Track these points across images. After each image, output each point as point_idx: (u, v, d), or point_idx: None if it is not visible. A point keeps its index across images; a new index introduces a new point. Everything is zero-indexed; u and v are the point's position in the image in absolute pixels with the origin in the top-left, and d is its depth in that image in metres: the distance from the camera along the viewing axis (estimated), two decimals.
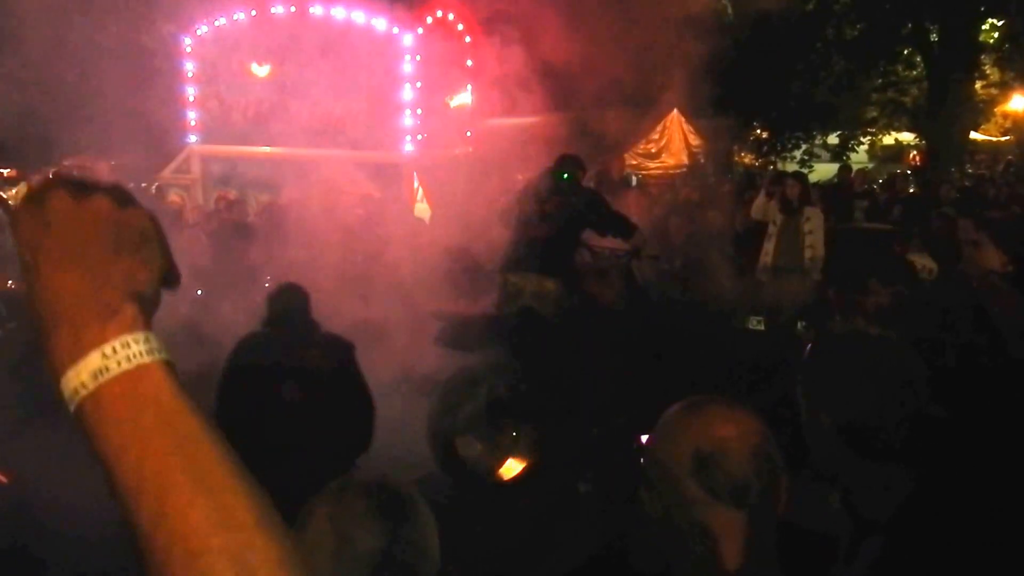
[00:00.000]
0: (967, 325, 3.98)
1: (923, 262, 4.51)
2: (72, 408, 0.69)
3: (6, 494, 2.92)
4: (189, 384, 0.71)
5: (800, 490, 1.34)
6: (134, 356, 0.69)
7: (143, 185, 12.84)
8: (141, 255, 0.74)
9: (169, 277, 0.77)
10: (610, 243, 5.75)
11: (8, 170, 16.86)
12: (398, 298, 4.11)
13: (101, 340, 0.69)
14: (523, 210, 5.12)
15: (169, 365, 0.71)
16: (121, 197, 0.75)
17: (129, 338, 0.70)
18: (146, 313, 0.73)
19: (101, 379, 0.68)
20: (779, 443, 1.36)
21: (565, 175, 5.04)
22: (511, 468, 4.19)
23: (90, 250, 0.71)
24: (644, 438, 1.51)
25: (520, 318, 3.98)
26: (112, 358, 0.69)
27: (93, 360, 0.69)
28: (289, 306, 3.73)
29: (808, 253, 7.91)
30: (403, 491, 1.26)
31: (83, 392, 0.68)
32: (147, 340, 0.71)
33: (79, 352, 0.69)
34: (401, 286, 4.20)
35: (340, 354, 3.62)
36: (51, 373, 0.70)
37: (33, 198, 0.73)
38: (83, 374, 0.69)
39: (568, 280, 4.39)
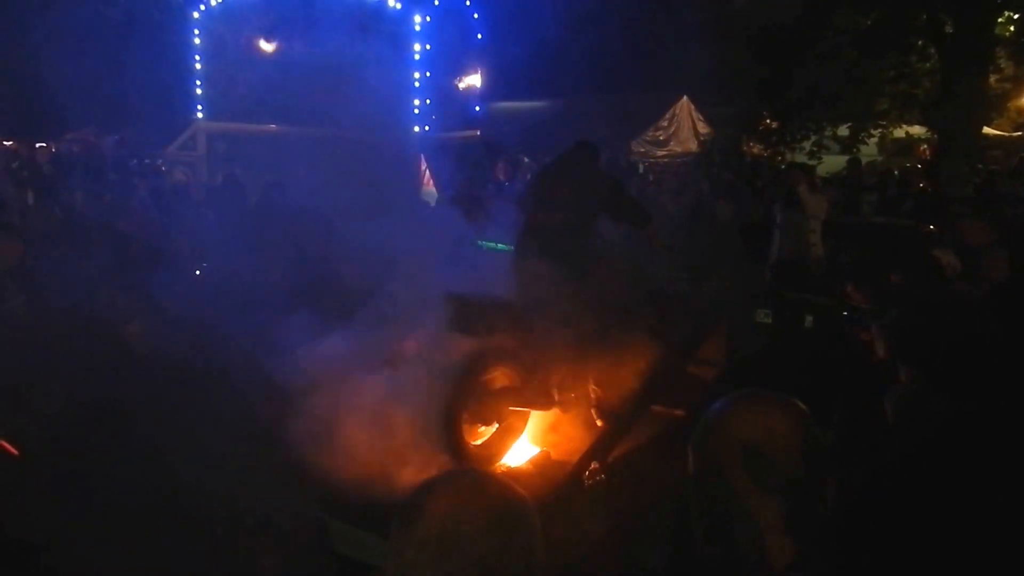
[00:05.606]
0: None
1: (948, 258, 4.44)
2: None
3: (16, 467, 2.89)
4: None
5: None
6: None
7: (146, 161, 12.73)
8: None
9: None
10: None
11: (11, 143, 16.76)
12: (411, 283, 4.05)
13: None
14: (538, 195, 5.04)
15: None
16: None
17: None
18: None
19: None
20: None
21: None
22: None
23: None
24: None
25: (538, 305, 3.93)
26: None
27: None
28: None
29: (812, 240, 7.81)
30: (514, 494, 1.17)
31: None
32: None
33: None
34: (413, 270, 4.13)
35: None
36: None
37: None
38: None
39: (584, 267, 4.33)
